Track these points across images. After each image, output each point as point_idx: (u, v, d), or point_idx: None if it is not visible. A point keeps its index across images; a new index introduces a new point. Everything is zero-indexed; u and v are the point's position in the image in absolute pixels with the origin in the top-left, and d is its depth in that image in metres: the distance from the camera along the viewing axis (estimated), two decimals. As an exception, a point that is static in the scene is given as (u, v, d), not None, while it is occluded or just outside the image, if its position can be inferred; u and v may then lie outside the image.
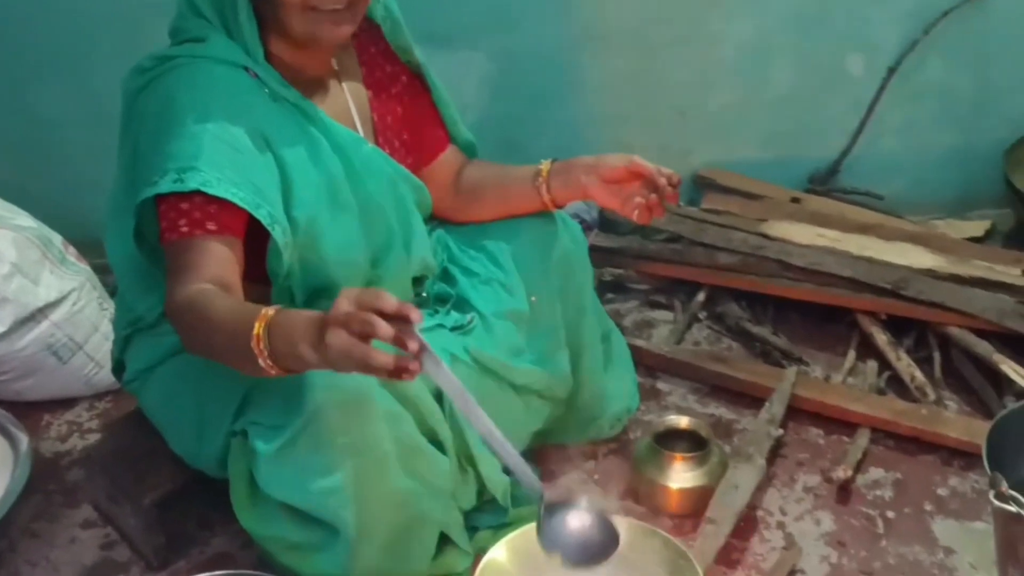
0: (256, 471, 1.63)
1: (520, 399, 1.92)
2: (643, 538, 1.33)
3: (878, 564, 1.88)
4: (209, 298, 1.47)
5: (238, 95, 1.62)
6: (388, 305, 1.25)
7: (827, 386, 2.28)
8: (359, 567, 1.68)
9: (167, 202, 1.57)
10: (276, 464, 1.60)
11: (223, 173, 1.55)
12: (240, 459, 1.66)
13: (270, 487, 1.63)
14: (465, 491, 1.86)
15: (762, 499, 2.02)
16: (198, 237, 1.56)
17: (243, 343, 1.38)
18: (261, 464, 1.61)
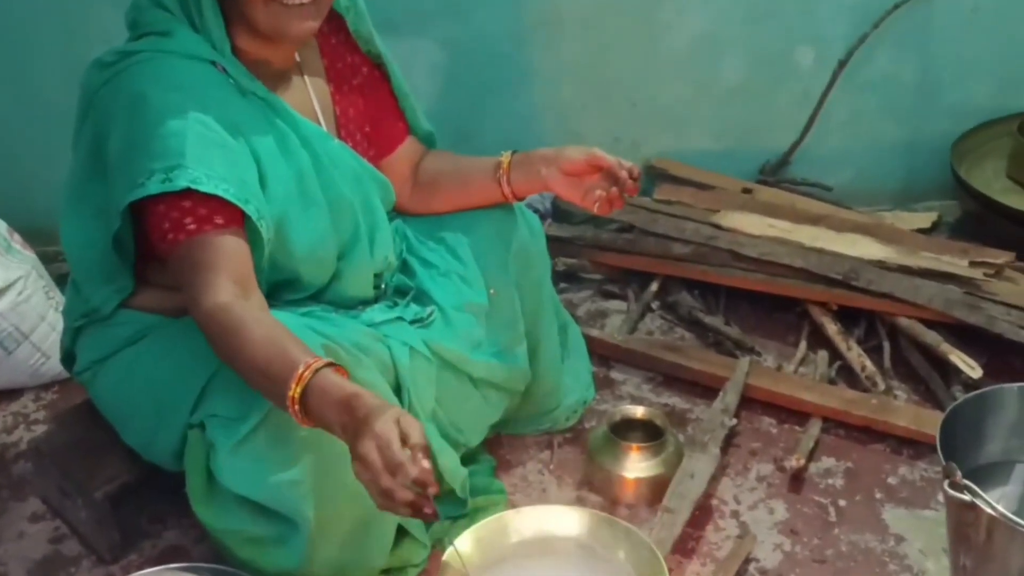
0: (214, 464, 1.61)
1: (479, 392, 1.92)
2: (606, 529, 1.33)
3: (830, 551, 1.91)
4: (242, 321, 1.49)
5: (208, 90, 1.60)
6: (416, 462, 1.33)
7: (779, 376, 2.31)
8: (317, 560, 1.68)
9: (165, 202, 1.54)
10: (235, 457, 1.58)
11: (211, 169, 1.54)
12: (197, 452, 1.64)
13: (228, 480, 1.61)
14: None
15: (716, 488, 2.04)
16: (209, 234, 1.55)
17: (278, 393, 1.43)
18: (219, 457, 1.59)
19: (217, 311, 1.49)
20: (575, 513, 1.37)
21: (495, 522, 1.36)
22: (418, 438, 1.34)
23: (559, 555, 1.31)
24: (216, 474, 1.62)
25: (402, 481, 1.31)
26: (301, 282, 1.73)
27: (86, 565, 1.94)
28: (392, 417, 1.34)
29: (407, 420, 1.35)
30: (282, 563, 1.68)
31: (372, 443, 1.32)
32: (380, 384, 1.70)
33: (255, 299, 1.55)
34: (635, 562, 1.29)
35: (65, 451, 1.95)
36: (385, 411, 1.34)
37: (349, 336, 1.67)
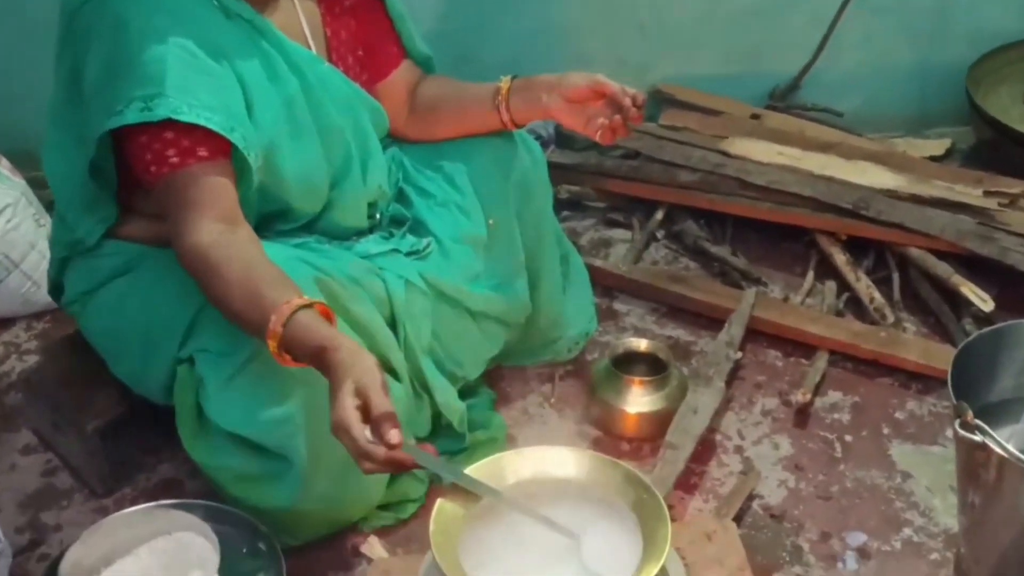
0: (203, 400, 1.57)
1: (477, 325, 1.87)
2: (605, 471, 1.29)
3: (836, 488, 1.88)
4: (219, 262, 1.45)
5: (193, 12, 1.52)
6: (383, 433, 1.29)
7: (786, 308, 2.26)
8: (311, 496, 1.64)
9: (146, 133, 1.48)
10: (224, 393, 1.54)
11: (194, 98, 1.47)
12: (187, 387, 1.60)
13: (218, 417, 1.57)
14: (420, 418, 1.82)
15: (720, 423, 2.00)
16: (192, 167, 1.49)
17: (258, 337, 1.41)
18: (209, 393, 1.55)
19: (196, 251, 1.45)
20: (574, 454, 1.32)
21: (490, 464, 1.31)
22: (380, 406, 1.29)
23: (556, 498, 1.26)
24: (206, 410, 1.58)
25: (372, 461, 1.29)
26: (292, 212, 1.67)
27: (78, 499, 1.91)
28: (348, 392, 1.29)
29: (367, 388, 1.30)
30: (275, 500, 1.65)
31: (338, 431, 1.30)
32: (374, 318, 1.66)
33: (242, 232, 1.49)
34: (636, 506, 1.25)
35: (55, 384, 1.91)
36: (343, 382, 1.30)
37: (343, 268, 1.62)
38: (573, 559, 1.24)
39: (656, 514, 1.23)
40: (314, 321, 1.38)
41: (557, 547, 1.26)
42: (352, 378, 1.30)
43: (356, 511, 1.75)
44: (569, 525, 1.26)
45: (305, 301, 1.39)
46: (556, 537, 1.26)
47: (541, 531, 1.26)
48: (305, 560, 1.75)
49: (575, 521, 1.28)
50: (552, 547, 1.26)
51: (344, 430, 1.28)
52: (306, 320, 1.38)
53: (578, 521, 1.28)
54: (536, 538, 1.27)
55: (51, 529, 1.85)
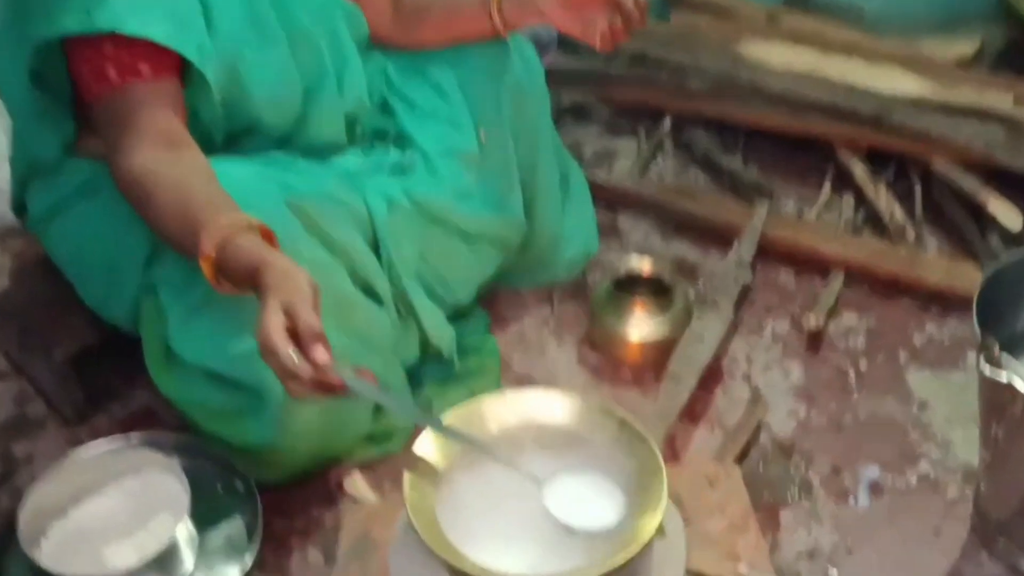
0: (167, 334, 1.46)
1: (468, 247, 1.75)
2: (598, 419, 1.18)
3: (848, 418, 1.77)
4: (154, 187, 1.34)
5: None
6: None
7: (800, 224, 2.13)
8: (291, 432, 1.54)
9: (87, 44, 1.35)
10: (188, 326, 1.43)
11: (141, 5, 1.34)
12: (152, 319, 1.49)
13: (184, 351, 1.46)
14: (406, 344, 1.71)
15: (728, 347, 1.89)
16: (132, 86, 1.37)
17: (191, 255, 1.30)
18: (172, 326, 1.45)
19: (130, 177, 1.34)
20: (564, 399, 1.21)
21: (471, 409, 1.20)
22: (308, 324, 1.18)
23: (542, 448, 1.15)
24: (171, 344, 1.47)
25: (299, 382, 1.18)
26: (262, 128, 1.54)
27: (51, 428, 1.81)
28: (274, 310, 1.18)
29: (295, 306, 1.19)
30: (253, 436, 1.55)
31: (264, 352, 1.19)
32: (354, 240, 1.54)
33: (185, 156, 1.37)
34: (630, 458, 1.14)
35: (24, 309, 1.80)
36: (269, 300, 1.19)
37: (318, 187, 1.50)
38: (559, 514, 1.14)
39: (651, 468, 1.12)
40: (250, 242, 1.27)
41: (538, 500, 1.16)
42: (279, 297, 1.19)
43: (338, 447, 1.66)
44: (551, 477, 1.16)
45: (242, 222, 1.28)
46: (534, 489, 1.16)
47: (521, 482, 1.16)
48: (286, 496, 1.66)
49: (558, 473, 1.17)
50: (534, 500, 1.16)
51: (269, 349, 1.18)
52: (242, 242, 1.26)
53: (561, 472, 1.17)
54: (515, 488, 1.17)
55: (22, 461, 1.76)
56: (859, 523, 1.61)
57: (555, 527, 1.14)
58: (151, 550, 1.40)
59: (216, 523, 1.51)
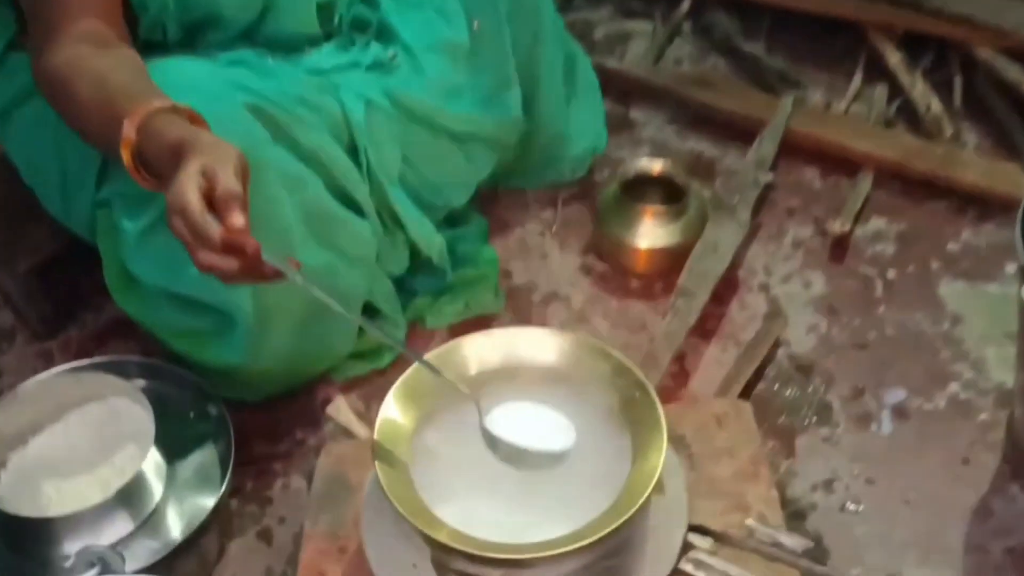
0: (123, 253, 1.33)
1: (459, 148, 1.59)
2: (592, 360, 1.05)
3: (873, 335, 1.63)
4: (72, 79, 1.20)
5: None
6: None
7: (827, 118, 1.96)
8: (265, 353, 1.43)
9: None
10: (144, 246, 1.31)
11: None
12: (108, 235, 1.36)
13: (141, 272, 1.34)
14: (394, 254, 1.59)
15: (744, 256, 1.75)
16: None
17: (116, 152, 1.14)
18: (127, 246, 1.32)
19: (47, 73, 1.22)
20: (554, 338, 1.08)
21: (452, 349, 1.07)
22: (227, 185, 1.05)
23: (528, 393, 1.02)
24: (127, 264, 1.34)
25: (208, 246, 1.05)
26: (223, 19, 1.37)
27: (20, 341, 1.72)
28: (192, 171, 1.05)
29: (214, 167, 1.06)
30: (223, 357, 1.44)
31: (171, 213, 1.06)
32: (330, 147, 1.39)
33: (113, 52, 1.23)
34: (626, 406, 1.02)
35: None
36: (189, 163, 1.05)
37: (287, 89, 1.35)
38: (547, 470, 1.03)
39: (650, 421, 0.99)
40: (175, 123, 1.12)
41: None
42: (201, 160, 1.05)
43: (319, 367, 1.55)
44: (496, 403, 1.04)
45: (167, 104, 1.14)
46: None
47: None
48: (267, 417, 1.57)
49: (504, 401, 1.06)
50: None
51: (178, 206, 1.04)
52: (165, 122, 1.12)
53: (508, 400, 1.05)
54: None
55: (-10, 376, 1.67)
56: (881, 451, 1.49)
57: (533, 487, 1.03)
58: (115, 485, 1.30)
59: (187, 452, 1.41)
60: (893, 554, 1.37)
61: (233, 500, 1.49)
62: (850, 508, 1.43)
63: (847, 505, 1.43)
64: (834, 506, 1.43)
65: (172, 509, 1.36)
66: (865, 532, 1.40)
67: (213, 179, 1.04)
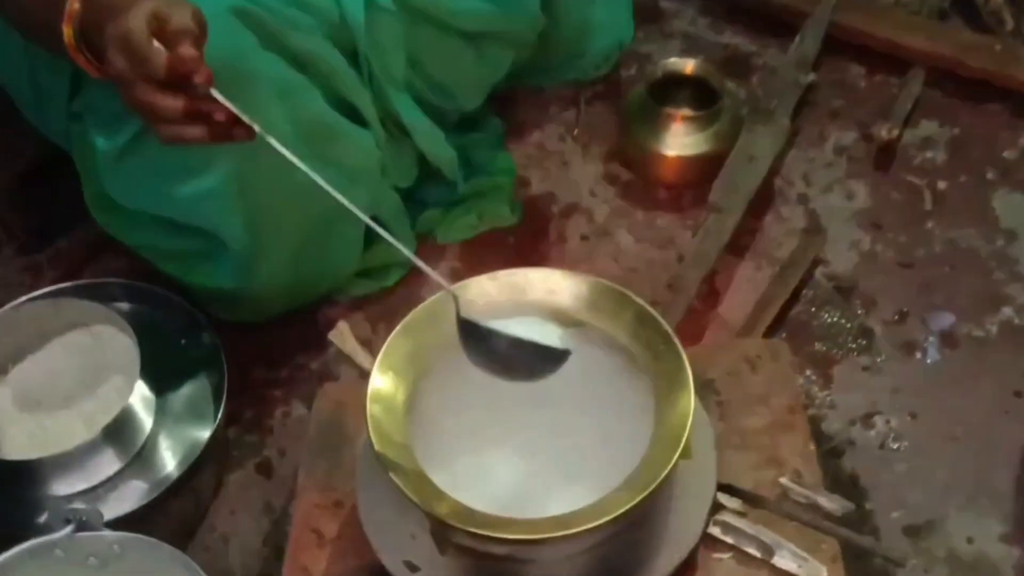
0: (100, 174, 1.21)
1: (471, 48, 1.45)
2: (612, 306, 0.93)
3: (921, 252, 1.51)
4: None
5: None
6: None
7: (875, 9, 1.78)
8: (261, 276, 1.33)
9: None
10: (122, 166, 1.19)
11: None
12: (84, 153, 1.25)
13: (120, 195, 1.23)
14: (401, 166, 1.47)
15: (782, 163, 1.61)
16: None
17: (60, 38, 1.01)
18: (103, 166, 1.20)
19: None
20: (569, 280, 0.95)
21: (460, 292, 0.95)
22: (180, 21, 0.93)
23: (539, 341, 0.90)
24: (103, 186, 1.22)
25: (153, 75, 0.92)
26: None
27: (8, 253, 1.62)
28: (142, 10, 0.92)
29: (169, 8, 0.93)
30: (215, 281, 1.33)
31: (113, 47, 0.93)
32: (328, 53, 1.27)
33: None
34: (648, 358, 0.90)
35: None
36: (138, 6, 0.93)
37: (279, -13, 1.20)
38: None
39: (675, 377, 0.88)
40: None
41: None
42: (153, 4, 0.93)
43: (321, 288, 1.44)
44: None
45: None
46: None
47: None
48: (267, 340, 1.47)
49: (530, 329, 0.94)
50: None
51: (120, 36, 0.92)
52: None
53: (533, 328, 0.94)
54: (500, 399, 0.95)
55: (-22, 291, 1.57)
56: (926, 382, 1.38)
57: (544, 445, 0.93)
58: (101, 422, 1.21)
59: (178, 382, 1.32)
60: (936, 496, 1.28)
61: (231, 429, 1.40)
62: (891, 445, 1.33)
63: (887, 442, 1.33)
64: (873, 443, 1.33)
65: (163, 444, 1.28)
66: (906, 471, 1.31)
67: (166, 19, 0.92)
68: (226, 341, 1.36)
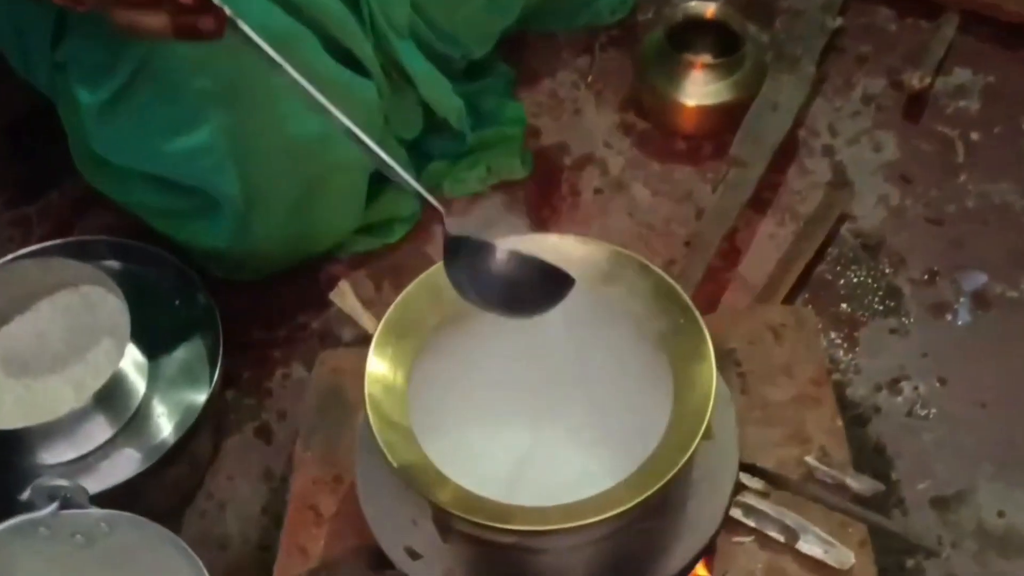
0: (85, 129, 1.14)
1: (478, -10, 1.37)
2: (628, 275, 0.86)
3: (952, 208, 1.43)
4: None
5: None
6: None
7: (907, -53, 1.70)
8: (256, 234, 1.26)
9: None
10: (107, 121, 1.11)
11: None
12: (69, 106, 1.17)
13: (106, 151, 1.15)
14: (405, 117, 1.39)
15: (806, 113, 1.53)
16: None
17: None
18: (88, 120, 1.13)
19: None
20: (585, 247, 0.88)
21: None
22: None
23: (551, 311, 0.83)
24: (89, 142, 1.16)
25: None
26: None
27: (-3, 205, 1.56)
28: None
29: None
30: (210, 239, 1.27)
31: None
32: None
33: None
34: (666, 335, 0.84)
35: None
36: None
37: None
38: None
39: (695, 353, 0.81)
40: None
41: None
42: None
43: (321, 247, 1.38)
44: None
45: None
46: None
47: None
48: (265, 297, 1.41)
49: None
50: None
51: None
52: None
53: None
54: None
55: (-36, 246, 1.51)
56: (957, 346, 1.31)
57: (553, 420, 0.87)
58: (91, 388, 1.16)
59: (172, 344, 1.27)
60: (965, 466, 1.22)
61: (228, 392, 1.34)
62: (918, 412, 1.27)
63: (915, 409, 1.27)
64: (900, 410, 1.27)
65: (157, 410, 1.23)
66: (934, 440, 1.24)
67: None
68: (223, 300, 1.30)
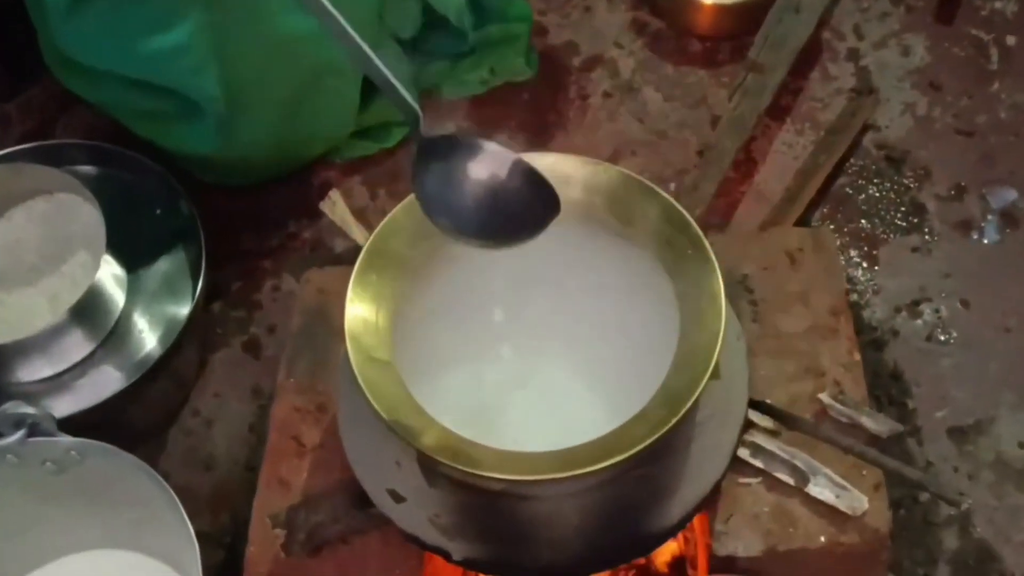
0: (53, 30, 1.06)
1: None
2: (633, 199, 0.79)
3: (983, 119, 1.35)
4: None
5: None
6: None
7: None
8: (241, 141, 1.19)
9: None
10: (75, 20, 1.03)
11: None
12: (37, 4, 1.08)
13: (75, 52, 1.07)
14: (402, 12, 1.31)
15: (831, 12, 1.44)
16: None
17: None
18: (53, 19, 1.04)
19: None
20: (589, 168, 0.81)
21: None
22: None
23: (542, 242, 0.76)
24: (58, 44, 1.07)
25: None
26: None
27: (-25, 103, 1.48)
28: None
29: None
30: (193, 144, 1.20)
31: None
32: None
33: None
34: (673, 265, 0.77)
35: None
36: None
37: None
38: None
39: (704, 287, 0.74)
40: None
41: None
42: None
43: (313, 152, 1.30)
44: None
45: None
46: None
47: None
48: (254, 203, 1.35)
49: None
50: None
51: None
52: None
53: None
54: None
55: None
56: (981, 265, 1.25)
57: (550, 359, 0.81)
58: (67, 301, 1.09)
59: (154, 256, 1.19)
60: (986, 393, 1.16)
61: (216, 304, 1.29)
62: (938, 336, 1.20)
63: (935, 333, 1.20)
64: (919, 334, 1.20)
65: (138, 324, 1.16)
66: (954, 365, 1.19)
67: None
68: (210, 206, 1.23)
